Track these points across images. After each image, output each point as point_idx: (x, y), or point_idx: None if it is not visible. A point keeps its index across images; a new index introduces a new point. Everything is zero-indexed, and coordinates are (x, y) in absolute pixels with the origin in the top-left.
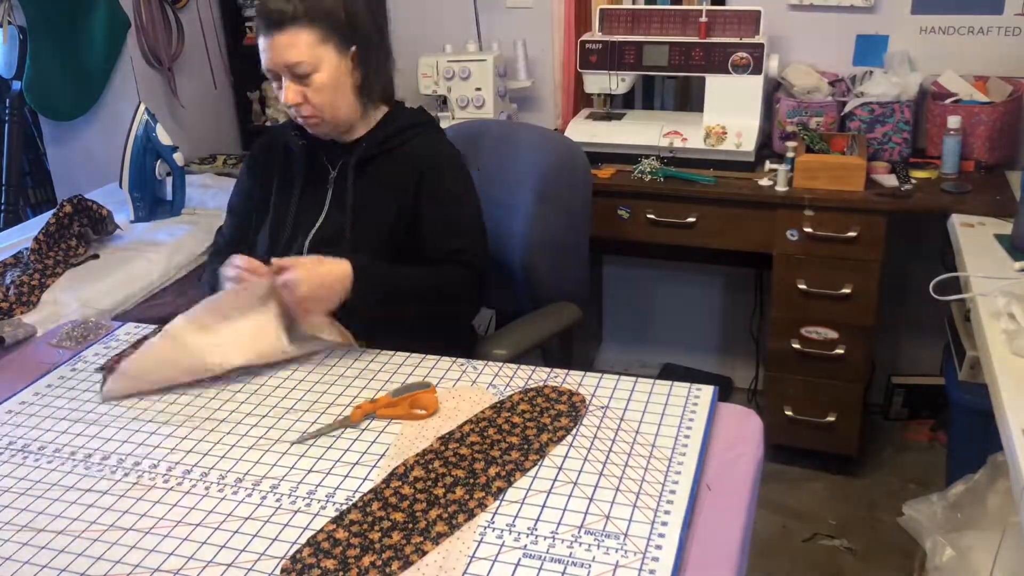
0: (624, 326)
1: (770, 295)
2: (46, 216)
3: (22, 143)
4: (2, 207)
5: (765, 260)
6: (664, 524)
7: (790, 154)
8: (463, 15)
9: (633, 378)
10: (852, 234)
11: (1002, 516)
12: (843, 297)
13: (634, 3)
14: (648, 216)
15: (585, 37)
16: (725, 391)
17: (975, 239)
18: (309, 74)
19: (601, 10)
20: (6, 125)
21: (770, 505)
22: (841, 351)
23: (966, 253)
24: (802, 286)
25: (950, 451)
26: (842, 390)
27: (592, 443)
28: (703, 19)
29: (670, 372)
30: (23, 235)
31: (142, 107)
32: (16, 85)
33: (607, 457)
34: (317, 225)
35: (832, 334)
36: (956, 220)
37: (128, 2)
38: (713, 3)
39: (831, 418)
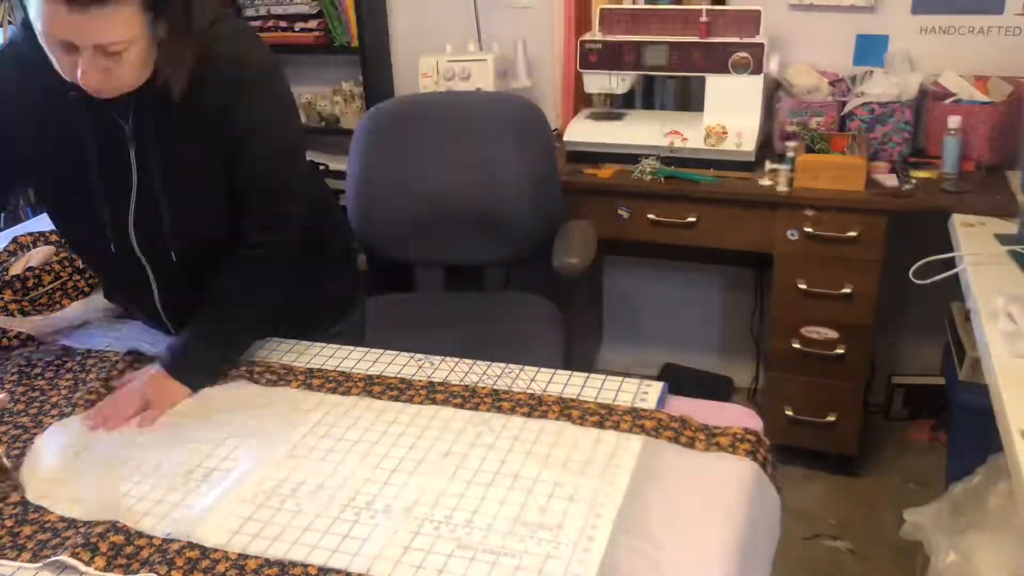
0: (624, 326)
1: (770, 295)
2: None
3: None
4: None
5: (765, 260)
6: (599, 516)
7: (790, 154)
8: (463, 15)
9: (585, 374)
10: (852, 234)
11: (1003, 517)
12: (843, 297)
13: (634, 3)
14: (648, 216)
15: (585, 37)
16: (725, 391)
17: (975, 239)
18: (120, 52)
19: (601, 10)
20: None
21: None
22: (841, 351)
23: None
24: (802, 286)
25: (950, 451)
26: (842, 390)
27: (537, 436)
28: (703, 19)
29: (670, 372)
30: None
31: None
32: None
33: (550, 452)
34: (133, 205)
35: (832, 334)
36: (956, 220)
37: None
38: (713, 3)
39: (831, 418)
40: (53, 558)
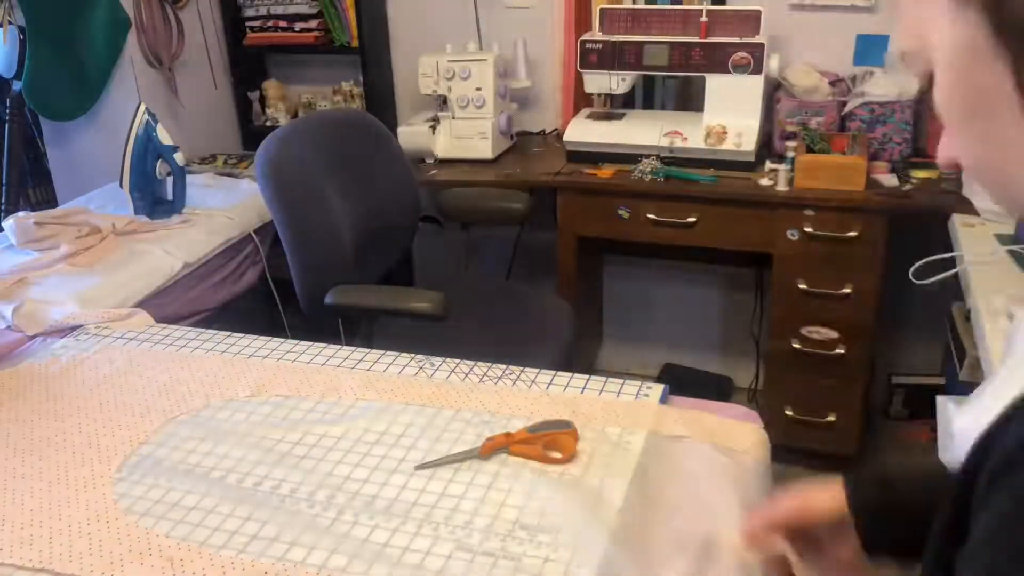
0: (624, 326)
1: (770, 295)
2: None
3: (22, 143)
4: (2, 207)
5: (765, 260)
6: (598, 520)
7: (790, 154)
8: (463, 15)
9: (585, 376)
10: (852, 234)
11: None
12: (843, 297)
13: (634, 3)
14: (648, 216)
15: (585, 37)
16: (725, 391)
17: (975, 239)
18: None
19: (601, 10)
20: (6, 125)
21: None
22: (841, 351)
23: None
24: (802, 286)
25: None
26: (842, 390)
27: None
28: (703, 19)
29: (670, 372)
30: None
31: (142, 107)
32: (16, 85)
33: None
34: None
35: (832, 334)
36: (957, 220)
37: (128, 2)
38: (713, 3)
39: (831, 418)
40: None
